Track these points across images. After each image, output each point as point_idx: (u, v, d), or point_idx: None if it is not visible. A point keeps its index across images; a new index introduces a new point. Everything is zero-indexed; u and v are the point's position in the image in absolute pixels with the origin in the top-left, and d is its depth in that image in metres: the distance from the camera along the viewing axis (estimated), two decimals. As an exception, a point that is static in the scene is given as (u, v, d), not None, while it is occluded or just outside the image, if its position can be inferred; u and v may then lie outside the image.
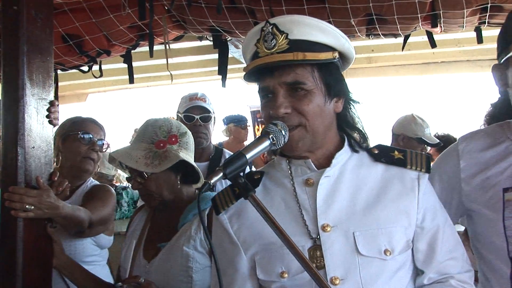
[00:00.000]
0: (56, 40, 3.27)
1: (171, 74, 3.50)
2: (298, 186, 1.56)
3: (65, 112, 3.28)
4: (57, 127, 2.56)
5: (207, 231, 1.42)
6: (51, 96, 2.23)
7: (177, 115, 3.55)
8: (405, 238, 1.50)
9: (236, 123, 5.40)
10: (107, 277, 2.70)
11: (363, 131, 1.65)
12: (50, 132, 2.23)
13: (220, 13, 2.69)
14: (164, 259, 2.10)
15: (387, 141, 4.37)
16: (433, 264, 1.53)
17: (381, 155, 1.61)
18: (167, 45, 3.31)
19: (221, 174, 1.34)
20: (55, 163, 2.75)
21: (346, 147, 1.59)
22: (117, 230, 3.88)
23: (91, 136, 2.75)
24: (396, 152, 1.61)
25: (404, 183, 1.55)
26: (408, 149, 1.63)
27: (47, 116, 2.22)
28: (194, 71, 5.69)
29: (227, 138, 5.46)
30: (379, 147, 1.65)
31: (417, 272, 1.56)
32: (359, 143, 1.63)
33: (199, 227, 2.09)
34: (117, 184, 5.05)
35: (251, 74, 1.55)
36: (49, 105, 2.23)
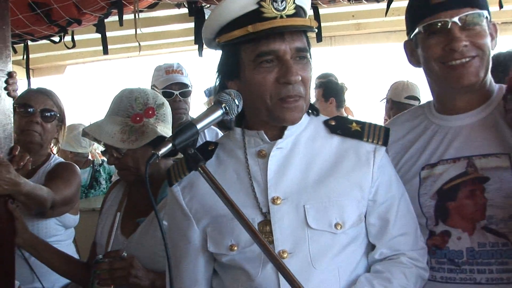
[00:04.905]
0: (22, 9, 3.25)
1: (139, 44, 3.48)
2: (251, 158, 1.57)
3: (43, 85, 3.27)
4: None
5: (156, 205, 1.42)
6: (9, 67, 2.22)
7: (153, 89, 3.53)
8: (357, 211, 1.52)
9: (219, 95, 5.36)
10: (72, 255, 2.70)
11: (312, 104, 1.65)
12: (9, 105, 2.24)
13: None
14: (144, 234, 2.11)
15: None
16: (384, 239, 1.55)
17: (338, 126, 1.61)
18: (137, 14, 3.28)
19: (170, 145, 1.34)
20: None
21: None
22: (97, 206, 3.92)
23: (29, 107, 2.68)
24: (354, 124, 1.62)
25: (359, 155, 1.56)
26: (367, 122, 1.63)
27: (5, 88, 2.22)
28: (175, 40, 5.65)
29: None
30: (337, 118, 1.65)
31: (371, 247, 1.58)
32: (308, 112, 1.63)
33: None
34: (94, 160, 5.06)
35: (241, 37, 1.48)
36: (7, 77, 2.23)
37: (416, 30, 1.71)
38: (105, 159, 4.87)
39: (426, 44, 1.69)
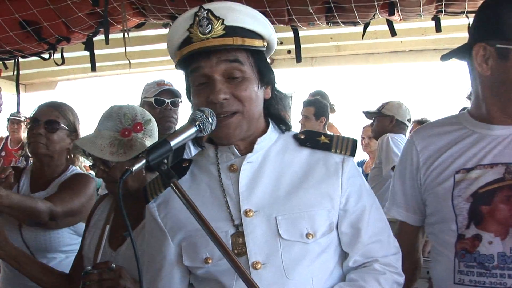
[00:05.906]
0: (13, 27, 3.26)
1: (129, 61, 3.50)
2: (223, 172, 1.57)
3: (35, 100, 3.27)
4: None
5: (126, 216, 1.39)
6: (-7, 84, 2.20)
7: (143, 101, 3.52)
8: (327, 221, 1.51)
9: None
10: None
11: (286, 120, 1.66)
12: (-8, 119, 2.21)
13: (173, 1, 2.68)
14: (131, 247, 2.04)
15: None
16: (357, 246, 1.54)
17: (307, 140, 1.61)
18: (126, 33, 3.29)
19: (144, 161, 1.32)
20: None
21: (269, 132, 1.60)
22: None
23: (36, 121, 2.67)
24: (322, 137, 1.61)
25: (328, 166, 1.56)
26: (335, 134, 1.63)
27: None
28: (163, 59, 5.69)
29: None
30: (306, 132, 1.65)
31: (345, 256, 1.58)
32: (282, 128, 1.64)
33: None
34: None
35: (182, 61, 1.53)
36: None
37: None
38: (92, 172, 4.86)
39: None
